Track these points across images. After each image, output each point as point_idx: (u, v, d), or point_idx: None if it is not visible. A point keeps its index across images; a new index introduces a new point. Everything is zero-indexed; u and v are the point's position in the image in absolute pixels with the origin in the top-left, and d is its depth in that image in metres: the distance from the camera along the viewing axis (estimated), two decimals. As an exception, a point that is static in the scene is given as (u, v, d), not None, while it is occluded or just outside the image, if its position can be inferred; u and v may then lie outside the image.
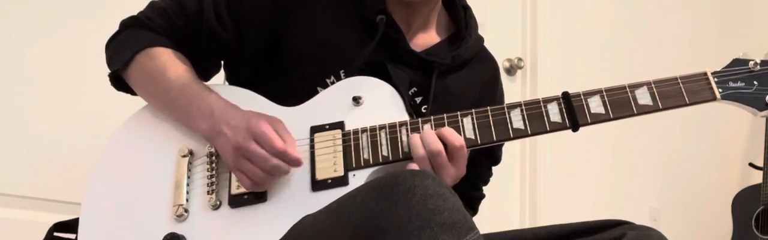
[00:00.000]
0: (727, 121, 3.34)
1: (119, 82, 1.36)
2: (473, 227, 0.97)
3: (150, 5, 1.39)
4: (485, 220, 1.45)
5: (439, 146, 1.17)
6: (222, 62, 1.43)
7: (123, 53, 1.33)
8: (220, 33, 1.34)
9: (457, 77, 1.41)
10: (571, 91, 1.23)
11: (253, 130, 1.17)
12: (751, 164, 3.31)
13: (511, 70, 2.82)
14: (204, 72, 1.39)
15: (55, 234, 1.33)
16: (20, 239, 1.82)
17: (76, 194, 1.34)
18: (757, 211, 3.07)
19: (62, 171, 1.88)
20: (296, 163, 1.18)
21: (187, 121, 1.27)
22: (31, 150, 1.89)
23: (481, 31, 1.49)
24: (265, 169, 1.16)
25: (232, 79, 1.43)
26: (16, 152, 1.88)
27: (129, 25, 1.38)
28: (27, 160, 1.88)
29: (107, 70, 1.37)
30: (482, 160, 1.46)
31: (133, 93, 1.37)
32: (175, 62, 1.31)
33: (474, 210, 1.47)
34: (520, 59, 2.83)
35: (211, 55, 1.38)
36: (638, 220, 1.24)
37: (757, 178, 3.17)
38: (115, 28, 1.39)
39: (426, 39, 1.42)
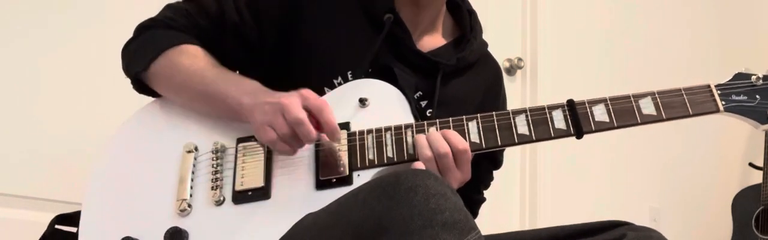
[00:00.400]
0: (727, 121, 3.33)
1: (141, 84, 1.34)
2: (474, 227, 0.97)
3: (167, 7, 1.38)
4: (485, 221, 1.45)
5: (447, 148, 1.17)
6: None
7: (148, 52, 1.31)
8: (244, 30, 1.33)
9: (461, 81, 1.41)
10: (570, 91, 1.24)
11: (304, 95, 1.17)
12: (751, 164, 3.31)
13: (511, 70, 2.82)
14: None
15: (57, 226, 1.33)
16: (20, 239, 1.82)
17: (76, 194, 1.34)
18: (757, 211, 3.07)
19: (62, 171, 1.88)
20: (332, 128, 1.17)
21: (224, 101, 1.24)
22: (31, 150, 1.89)
23: (481, 31, 1.49)
24: (291, 120, 1.14)
25: (243, 78, 1.42)
26: (16, 152, 1.88)
27: (149, 26, 1.36)
28: (27, 160, 1.88)
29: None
30: (484, 164, 1.46)
31: (153, 95, 1.35)
32: (208, 56, 1.31)
33: (474, 214, 1.46)
34: (520, 59, 2.83)
35: (236, 54, 1.35)
36: (638, 221, 1.24)
37: (757, 178, 3.17)
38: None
39: (432, 41, 1.43)
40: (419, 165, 1.17)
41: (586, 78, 2.92)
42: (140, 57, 1.32)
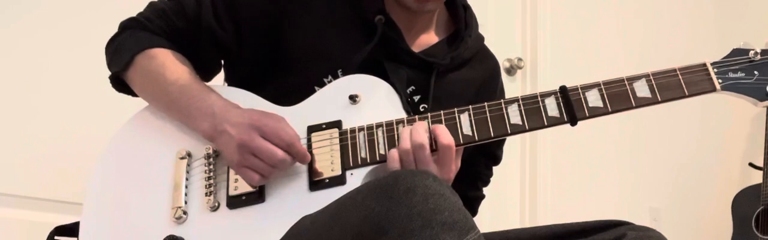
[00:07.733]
0: (728, 121, 3.34)
1: (120, 83, 1.36)
2: (474, 226, 0.97)
3: (149, 6, 1.39)
4: (485, 219, 1.45)
5: (424, 139, 1.15)
6: (222, 62, 1.43)
7: (122, 55, 1.33)
8: (218, 33, 1.34)
9: (455, 76, 1.41)
10: (571, 90, 1.22)
11: (257, 125, 1.17)
12: (751, 164, 3.30)
13: (511, 70, 2.82)
14: (204, 72, 1.39)
15: (56, 237, 1.32)
16: (20, 239, 1.82)
17: (76, 194, 1.34)
18: (757, 211, 3.06)
19: (62, 171, 1.88)
20: (303, 157, 1.19)
21: (188, 122, 1.27)
22: (31, 150, 1.89)
23: (481, 31, 1.49)
24: (272, 162, 1.16)
25: (231, 79, 1.43)
26: (16, 152, 1.88)
27: (128, 26, 1.38)
28: (27, 160, 1.88)
29: (107, 71, 1.37)
30: (482, 160, 1.45)
31: (134, 94, 1.37)
32: (175, 63, 1.31)
33: (473, 210, 1.46)
34: (520, 59, 2.83)
35: (210, 55, 1.38)
36: (638, 220, 1.24)
37: (757, 178, 3.17)
38: (116, 26, 1.39)
39: (425, 39, 1.42)
40: (393, 154, 1.16)
41: (587, 78, 2.90)
42: (117, 61, 1.34)
